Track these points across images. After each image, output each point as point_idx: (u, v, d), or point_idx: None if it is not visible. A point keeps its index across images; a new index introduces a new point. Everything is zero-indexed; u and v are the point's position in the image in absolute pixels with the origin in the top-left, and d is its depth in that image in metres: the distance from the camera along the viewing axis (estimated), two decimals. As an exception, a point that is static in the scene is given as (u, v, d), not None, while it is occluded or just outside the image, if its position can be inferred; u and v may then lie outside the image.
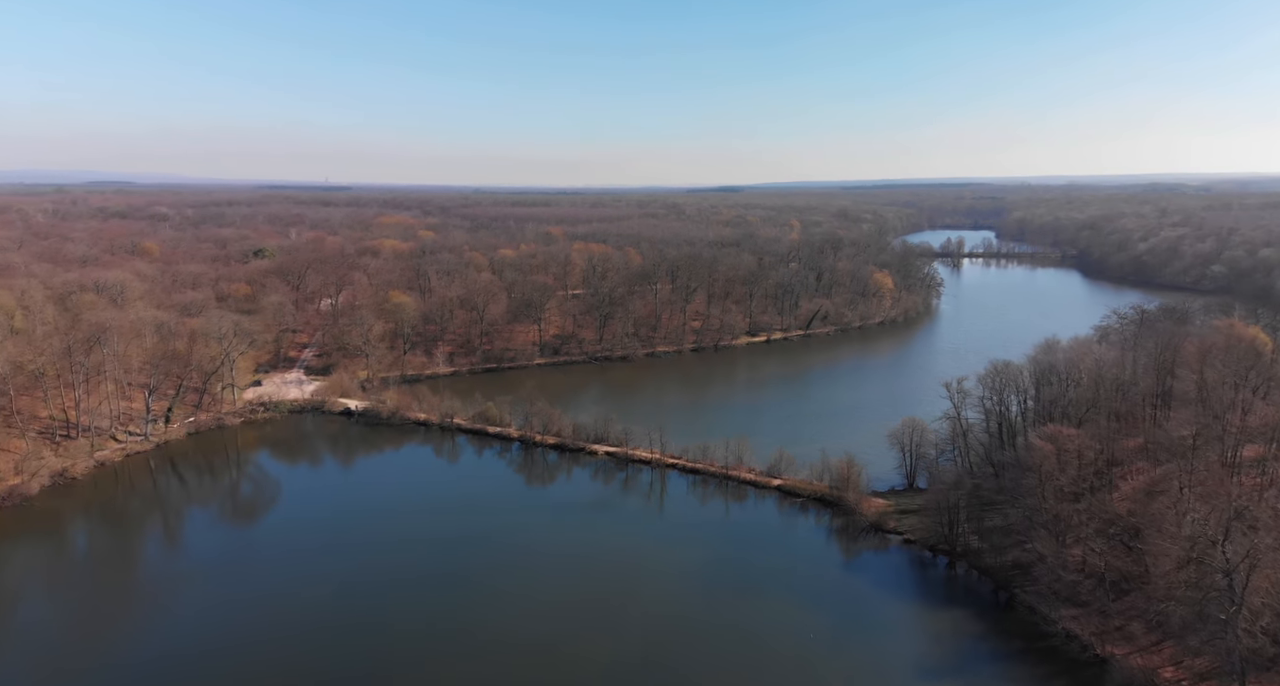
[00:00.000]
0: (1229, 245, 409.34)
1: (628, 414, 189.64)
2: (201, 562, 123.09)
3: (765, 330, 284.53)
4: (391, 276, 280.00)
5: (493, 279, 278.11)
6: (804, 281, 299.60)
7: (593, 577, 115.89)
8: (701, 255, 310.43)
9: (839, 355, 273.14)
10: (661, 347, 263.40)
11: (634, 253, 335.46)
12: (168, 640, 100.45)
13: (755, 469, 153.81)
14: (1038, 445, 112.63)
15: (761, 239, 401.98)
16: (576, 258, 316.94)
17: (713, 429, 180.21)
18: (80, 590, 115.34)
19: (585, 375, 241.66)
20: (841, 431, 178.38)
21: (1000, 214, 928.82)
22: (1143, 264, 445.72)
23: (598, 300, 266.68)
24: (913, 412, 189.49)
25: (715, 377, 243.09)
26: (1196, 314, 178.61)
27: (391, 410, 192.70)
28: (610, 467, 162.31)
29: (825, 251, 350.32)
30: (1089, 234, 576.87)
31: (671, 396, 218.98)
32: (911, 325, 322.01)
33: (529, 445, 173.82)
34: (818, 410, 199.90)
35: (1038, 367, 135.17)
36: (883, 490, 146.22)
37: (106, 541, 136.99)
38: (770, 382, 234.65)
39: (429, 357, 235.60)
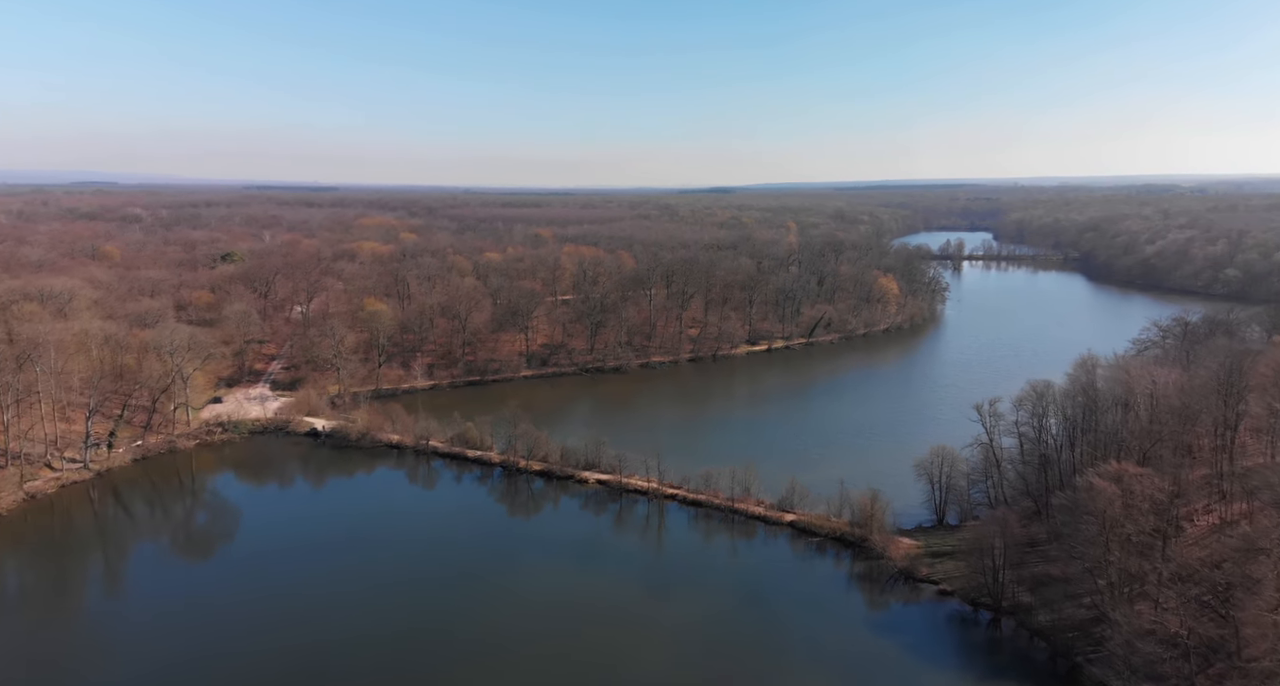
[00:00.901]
0: (1241, 248, 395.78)
1: (621, 434, 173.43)
2: (147, 605, 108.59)
3: (766, 338, 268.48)
4: (368, 282, 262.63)
5: (477, 284, 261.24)
6: (805, 286, 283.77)
7: (580, 636, 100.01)
8: (698, 259, 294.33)
9: (844, 366, 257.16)
10: (657, 357, 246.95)
11: (627, 256, 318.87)
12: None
13: (765, 501, 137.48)
14: (1099, 486, 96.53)
15: (759, 241, 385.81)
16: (566, 261, 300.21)
17: (714, 451, 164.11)
18: (3, 644, 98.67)
19: (575, 388, 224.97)
20: (855, 455, 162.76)
21: (996, 215, 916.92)
22: (1151, 267, 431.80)
23: (589, 307, 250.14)
24: (929, 433, 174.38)
25: (714, 391, 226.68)
26: (1243, 325, 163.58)
27: (362, 431, 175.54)
28: (602, 498, 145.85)
29: (826, 255, 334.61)
30: (1092, 236, 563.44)
31: (668, 412, 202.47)
32: (918, 332, 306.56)
33: (512, 471, 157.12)
34: (826, 429, 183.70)
35: (1083, 390, 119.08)
36: (909, 527, 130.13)
37: (36, 585, 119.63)
38: (773, 397, 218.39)
39: (406, 370, 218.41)
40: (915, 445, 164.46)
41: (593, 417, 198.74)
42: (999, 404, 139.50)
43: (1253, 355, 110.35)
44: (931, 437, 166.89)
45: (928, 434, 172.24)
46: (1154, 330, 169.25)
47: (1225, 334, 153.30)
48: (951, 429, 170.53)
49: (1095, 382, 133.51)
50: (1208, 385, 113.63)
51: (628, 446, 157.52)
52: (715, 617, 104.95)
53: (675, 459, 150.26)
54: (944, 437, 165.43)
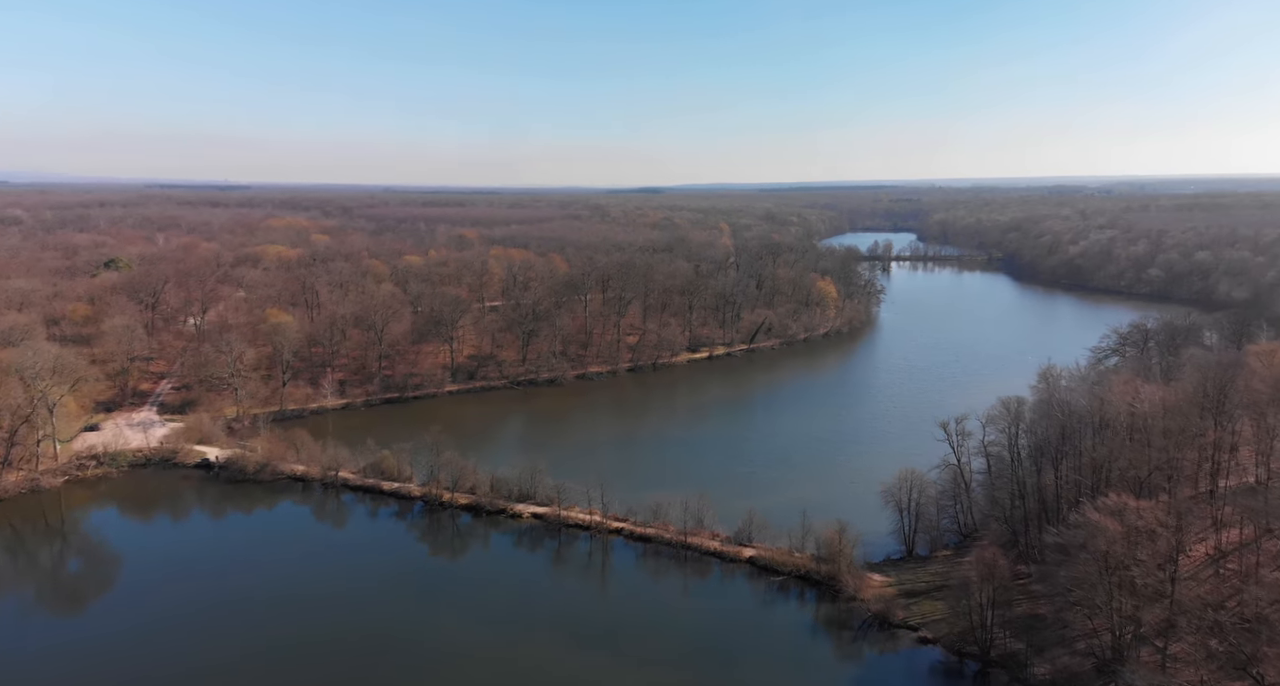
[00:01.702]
0: (1162, 248, 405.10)
1: (559, 457, 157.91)
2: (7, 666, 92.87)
3: (706, 345, 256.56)
4: (272, 290, 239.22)
5: (395, 291, 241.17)
6: (745, 290, 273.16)
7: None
8: (635, 262, 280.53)
9: (788, 374, 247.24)
10: (594, 368, 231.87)
11: (559, 259, 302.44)
12: None
13: (720, 534, 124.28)
14: (1099, 523, 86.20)
15: (694, 243, 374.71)
16: (494, 265, 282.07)
17: (661, 474, 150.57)
18: None
19: (506, 404, 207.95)
20: (811, 476, 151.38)
21: (918, 216, 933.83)
22: (1076, 267, 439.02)
23: (520, 315, 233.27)
24: (885, 450, 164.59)
25: (657, 404, 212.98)
26: (1203, 330, 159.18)
27: (261, 461, 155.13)
28: (538, 534, 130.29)
29: (763, 257, 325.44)
30: (1015, 236, 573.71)
31: (609, 429, 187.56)
32: (856, 336, 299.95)
33: (434, 506, 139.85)
34: (778, 446, 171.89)
35: (1060, 409, 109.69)
36: (877, 560, 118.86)
37: None
38: (719, 410, 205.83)
39: (315, 388, 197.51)
40: (872, 463, 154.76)
41: (526, 439, 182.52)
42: (966, 421, 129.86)
43: (1236, 368, 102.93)
44: (887, 455, 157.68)
45: (883, 451, 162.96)
46: (1113, 337, 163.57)
47: (1191, 343, 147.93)
48: (906, 444, 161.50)
49: (1060, 396, 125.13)
50: (1191, 400, 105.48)
51: (566, 472, 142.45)
52: (666, 673, 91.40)
53: (620, 486, 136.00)
54: (900, 454, 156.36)
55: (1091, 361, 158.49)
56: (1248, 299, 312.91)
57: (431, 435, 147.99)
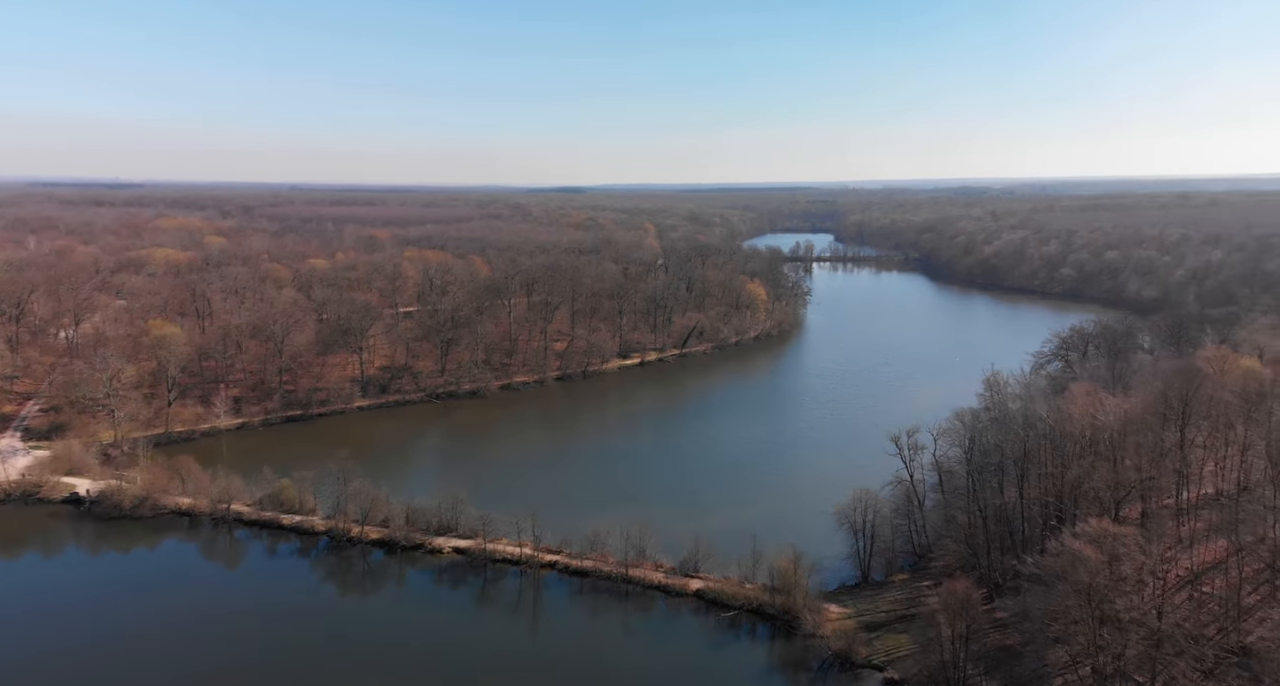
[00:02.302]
0: (1072, 247, 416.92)
1: (483, 480, 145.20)
2: None
3: (638, 350, 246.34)
4: (158, 299, 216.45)
5: (298, 298, 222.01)
6: (676, 294, 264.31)
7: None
8: (561, 265, 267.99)
9: (721, 379, 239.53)
10: (520, 377, 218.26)
11: (480, 262, 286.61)
12: None
13: (664, 564, 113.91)
14: (1078, 552, 79.43)
15: (621, 245, 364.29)
16: (409, 268, 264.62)
17: (596, 496, 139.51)
18: None
19: (423, 419, 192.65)
20: (754, 493, 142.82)
21: (835, 217, 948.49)
22: (991, 267, 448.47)
23: (437, 322, 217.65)
24: (827, 460, 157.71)
25: (588, 415, 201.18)
26: (1141, 333, 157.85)
27: (140, 494, 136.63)
28: (461, 570, 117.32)
29: (692, 259, 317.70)
30: (930, 237, 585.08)
31: (538, 445, 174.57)
32: (785, 339, 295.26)
33: (341, 541, 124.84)
34: (718, 460, 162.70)
35: (1023, 421, 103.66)
36: (832, 587, 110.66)
37: None
38: (652, 420, 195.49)
39: (206, 407, 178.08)
40: (818, 477, 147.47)
41: (447, 459, 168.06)
42: (917, 434, 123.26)
43: (1200, 377, 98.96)
44: (833, 467, 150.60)
45: (828, 463, 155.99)
46: (1054, 342, 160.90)
47: (1131, 348, 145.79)
48: (850, 456, 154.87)
49: (1019, 408, 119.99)
50: (1153, 411, 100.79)
51: (492, 498, 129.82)
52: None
53: (552, 512, 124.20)
54: (846, 467, 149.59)
55: (1034, 367, 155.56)
56: (1157, 297, 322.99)
57: (338, 461, 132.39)
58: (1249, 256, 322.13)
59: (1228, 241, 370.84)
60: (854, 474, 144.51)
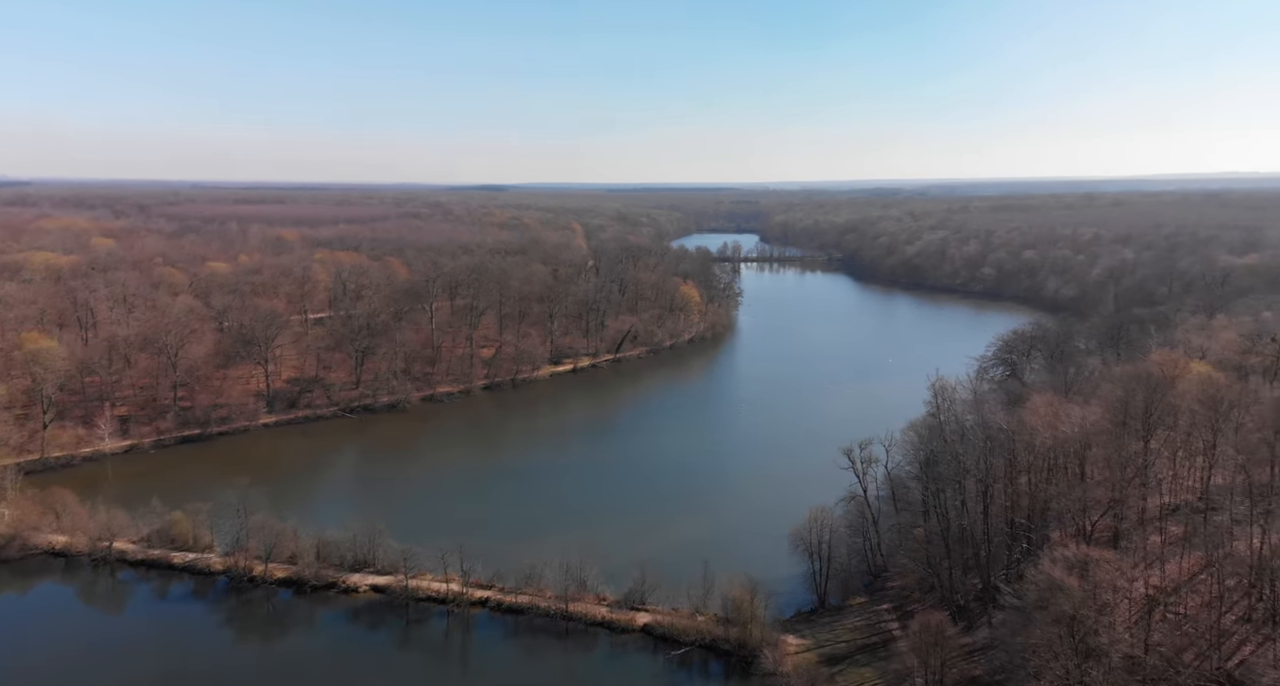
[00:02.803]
0: (991, 247, 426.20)
1: (404, 508, 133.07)
2: None
3: (570, 356, 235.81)
4: (33, 308, 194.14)
5: (195, 305, 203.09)
6: (608, 296, 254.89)
7: None
8: (487, 266, 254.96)
9: (655, 385, 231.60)
10: (444, 388, 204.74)
11: (398, 264, 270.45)
12: None
13: (607, 597, 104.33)
14: (1060, 581, 73.69)
15: (549, 245, 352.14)
16: (320, 271, 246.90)
17: (526, 516, 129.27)
18: None
19: (337, 436, 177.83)
20: (699, 510, 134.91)
21: (759, 218, 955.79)
22: (914, 267, 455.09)
23: (351, 329, 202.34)
24: (774, 473, 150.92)
25: (517, 428, 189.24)
26: (1080, 336, 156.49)
27: (6, 534, 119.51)
28: (380, 611, 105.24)
29: (624, 261, 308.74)
30: (853, 237, 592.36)
31: (463, 464, 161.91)
32: (719, 342, 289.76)
33: (242, 582, 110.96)
34: (658, 475, 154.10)
35: (984, 434, 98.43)
36: (788, 614, 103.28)
37: None
38: (586, 431, 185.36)
39: (88, 429, 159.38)
40: (765, 492, 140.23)
41: (363, 481, 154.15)
42: (870, 447, 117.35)
43: (1163, 384, 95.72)
44: (779, 482, 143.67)
45: (773, 475, 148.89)
46: (996, 345, 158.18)
47: (1075, 351, 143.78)
48: (797, 468, 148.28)
49: (979, 419, 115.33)
50: (1115, 420, 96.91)
51: (415, 527, 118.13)
52: None
53: (482, 541, 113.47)
54: (793, 481, 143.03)
55: (979, 372, 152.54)
56: (1075, 296, 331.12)
57: (238, 489, 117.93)
58: (1160, 255, 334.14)
59: (1137, 240, 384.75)
60: (802, 487, 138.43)
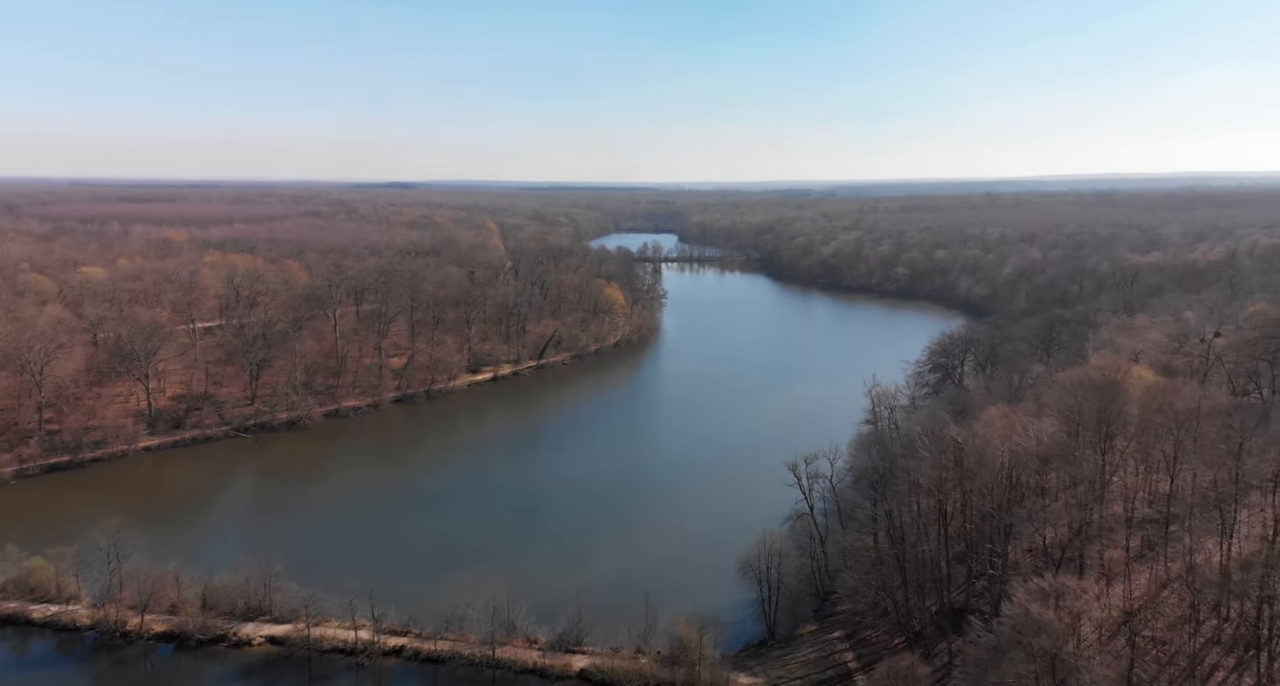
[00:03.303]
0: (904, 247, 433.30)
1: (306, 543, 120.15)
2: None
3: (490, 363, 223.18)
4: None
5: (65, 316, 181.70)
6: (530, 300, 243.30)
7: None
8: (397, 269, 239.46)
9: (581, 393, 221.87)
10: (350, 402, 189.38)
11: (297, 267, 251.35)
12: None
13: (539, 639, 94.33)
14: (1039, 617, 68.24)
15: (463, 246, 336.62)
16: (209, 276, 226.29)
17: (444, 548, 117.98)
18: None
19: (228, 459, 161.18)
20: (633, 532, 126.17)
21: (677, 218, 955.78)
22: (831, 267, 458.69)
23: (245, 340, 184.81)
24: (710, 488, 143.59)
25: (430, 444, 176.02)
26: (1013, 339, 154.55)
27: None
28: (279, 667, 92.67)
29: (545, 262, 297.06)
30: (770, 238, 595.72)
31: (371, 486, 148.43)
32: (645, 345, 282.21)
33: (115, 637, 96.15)
34: (588, 492, 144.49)
35: (937, 448, 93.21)
36: (735, 648, 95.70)
37: None
38: (507, 446, 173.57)
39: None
40: (702, 509, 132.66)
41: (257, 514, 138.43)
42: (816, 461, 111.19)
43: (1115, 392, 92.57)
44: (718, 498, 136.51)
45: (708, 490, 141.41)
46: (931, 349, 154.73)
47: (1012, 355, 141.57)
48: (735, 484, 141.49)
49: (907, 424, 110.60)
50: (1070, 432, 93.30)
51: (318, 566, 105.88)
52: None
53: (395, 580, 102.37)
54: (733, 498, 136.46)
55: (915, 378, 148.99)
56: (988, 295, 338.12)
57: (110, 529, 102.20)
58: (1066, 253, 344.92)
59: (1042, 239, 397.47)
60: (743, 502, 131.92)
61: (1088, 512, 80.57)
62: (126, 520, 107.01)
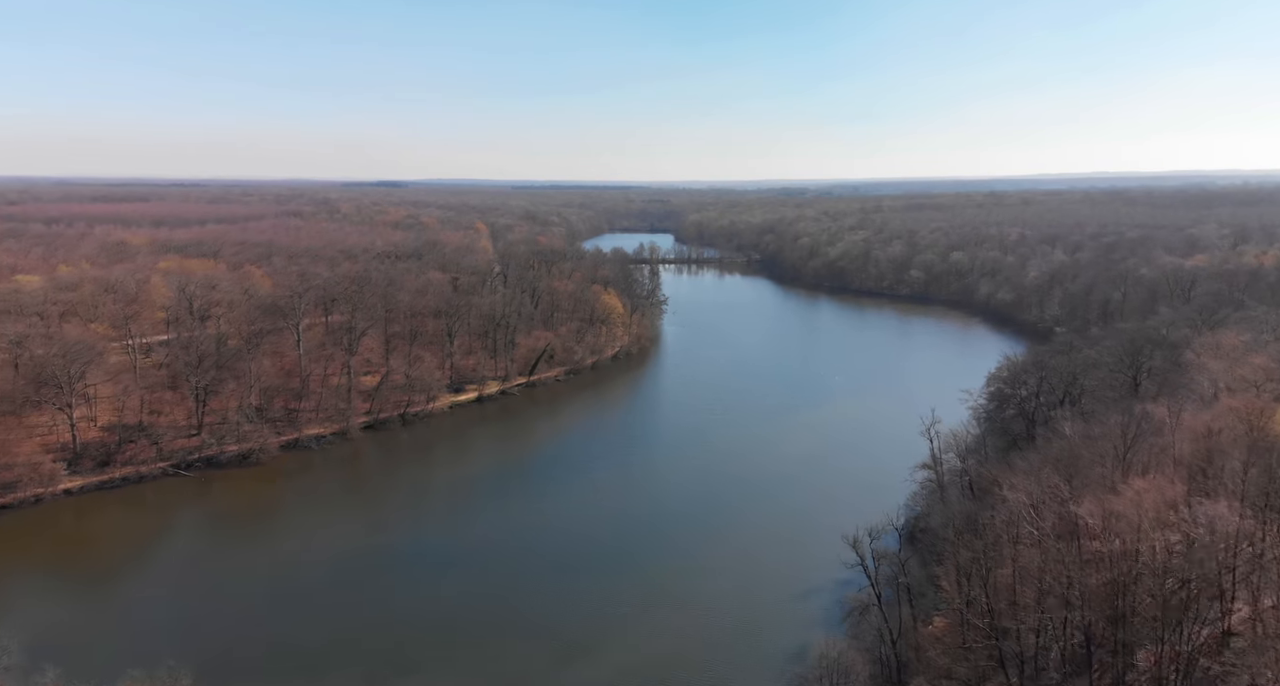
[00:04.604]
0: (917, 249, 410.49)
1: (252, 620, 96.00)
2: None
3: (474, 382, 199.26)
4: None
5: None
6: (520, 309, 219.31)
7: None
8: (371, 275, 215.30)
9: (576, 414, 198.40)
10: (313, 429, 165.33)
11: (259, 273, 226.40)
12: None
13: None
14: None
15: (449, 249, 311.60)
16: (158, 285, 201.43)
17: (436, 633, 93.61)
18: None
19: (163, 504, 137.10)
20: (664, 608, 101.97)
21: (672, 217, 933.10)
22: (839, 270, 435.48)
23: (191, 359, 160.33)
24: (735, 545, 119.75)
25: (401, 483, 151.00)
26: (1099, 365, 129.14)
27: None
28: None
29: (536, 267, 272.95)
30: (772, 238, 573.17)
31: (327, 544, 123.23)
32: (645, 357, 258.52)
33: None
34: (601, 547, 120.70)
35: (1049, 527, 69.75)
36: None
37: None
38: (489, 486, 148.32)
39: None
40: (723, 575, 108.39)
41: (182, 589, 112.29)
42: (881, 537, 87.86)
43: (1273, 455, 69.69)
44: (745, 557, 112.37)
45: (736, 545, 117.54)
46: (999, 379, 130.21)
47: (1100, 386, 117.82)
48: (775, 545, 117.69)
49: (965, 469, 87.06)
50: (1256, 517, 69.93)
51: (251, 667, 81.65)
52: None
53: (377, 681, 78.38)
54: (761, 552, 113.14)
55: (981, 416, 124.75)
56: (1013, 300, 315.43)
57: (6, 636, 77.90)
58: (1097, 256, 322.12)
59: (1064, 240, 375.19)
60: (780, 568, 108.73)
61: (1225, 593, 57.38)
62: (14, 597, 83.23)
